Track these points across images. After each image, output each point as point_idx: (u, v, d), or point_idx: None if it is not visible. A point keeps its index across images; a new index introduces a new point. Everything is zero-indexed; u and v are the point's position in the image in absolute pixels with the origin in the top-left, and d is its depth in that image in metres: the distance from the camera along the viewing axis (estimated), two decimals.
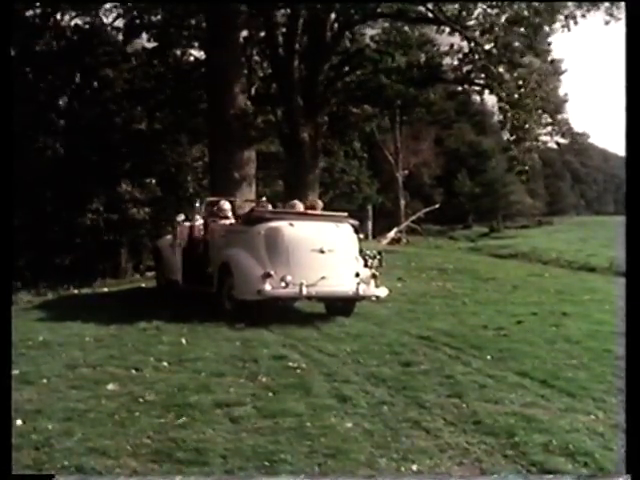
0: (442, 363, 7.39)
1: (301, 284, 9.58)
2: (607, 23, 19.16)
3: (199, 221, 12.07)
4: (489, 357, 7.72)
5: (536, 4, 18.98)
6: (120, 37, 22.58)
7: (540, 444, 5.00)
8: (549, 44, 21.60)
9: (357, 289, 10.03)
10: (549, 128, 23.47)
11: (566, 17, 19.53)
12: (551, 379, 6.71)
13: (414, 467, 4.66)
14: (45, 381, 6.61)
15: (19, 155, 19.01)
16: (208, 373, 6.89)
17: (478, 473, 4.62)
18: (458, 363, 7.44)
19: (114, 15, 22.07)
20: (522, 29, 19.43)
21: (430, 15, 19.83)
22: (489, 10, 19.29)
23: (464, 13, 19.36)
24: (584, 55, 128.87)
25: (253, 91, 21.15)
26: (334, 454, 4.81)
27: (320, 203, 11.89)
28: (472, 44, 19.55)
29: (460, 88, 26.16)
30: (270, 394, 6.21)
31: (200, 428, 5.31)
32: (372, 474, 4.57)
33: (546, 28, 20.04)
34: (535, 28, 19.49)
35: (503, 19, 19.25)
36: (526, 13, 19.07)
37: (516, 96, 19.04)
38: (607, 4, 18.91)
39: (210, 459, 4.73)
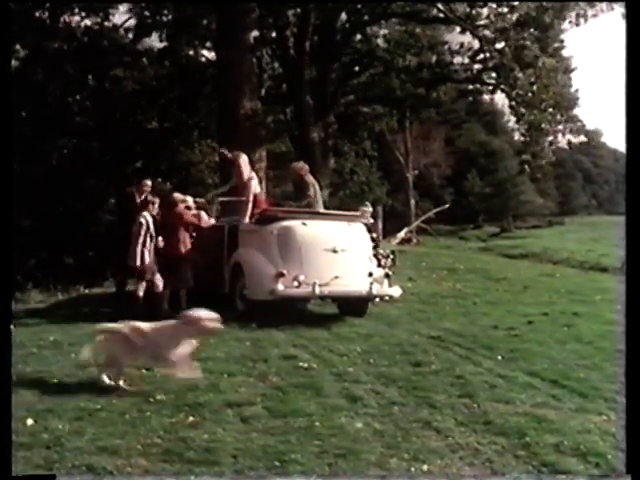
0: (453, 363, 7.38)
1: (314, 284, 9.54)
2: (624, 16, 18.96)
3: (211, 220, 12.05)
4: (500, 357, 7.70)
5: (543, 3, 18.93)
6: (130, 36, 22.61)
7: (551, 444, 4.99)
8: (562, 41, 21.48)
9: (370, 288, 9.98)
10: (561, 126, 23.35)
11: (577, 15, 19.48)
12: (562, 379, 6.69)
13: (425, 467, 4.65)
14: (56, 380, 6.62)
15: (31, 155, 19.09)
16: (218, 373, 6.89)
17: (489, 473, 4.60)
18: (469, 363, 7.42)
19: (125, 16, 22.14)
20: (532, 29, 19.35)
21: (441, 15, 19.80)
22: (499, 9, 19.23)
23: (474, 12, 19.30)
24: (595, 54, 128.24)
25: (263, 91, 21.16)
26: (344, 454, 4.80)
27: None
28: (483, 43, 19.50)
29: (471, 87, 26.06)
30: (280, 394, 6.21)
31: (210, 428, 5.32)
32: (383, 474, 4.57)
33: (556, 26, 19.95)
34: (545, 27, 19.42)
35: (513, 18, 19.17)
36: (534, 13, 19.00)
37: (530, 94, 18.96)
38: None
39: (220, 459, 4.74)
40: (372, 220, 12.75)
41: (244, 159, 11.55)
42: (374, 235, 12.21)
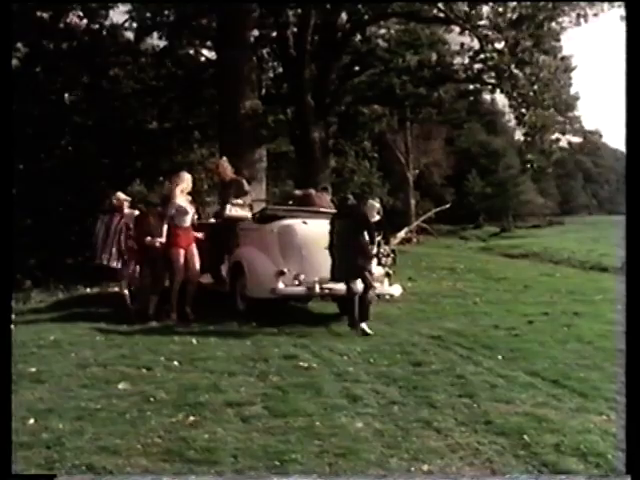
0: (453, 363, 7.37)
1: (314, 282, 9.55)
2: (623, 19, 18.95)
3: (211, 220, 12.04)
4: (500, 357, 7.69)
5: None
6: (131, 36, 22.59)
7: (551, 444, 4.98)
8: (558, 40, 21.41)
9: None
10: (561, 126, 23.32)
11: (577, 15, 19.46)
12: (563, 379, 6.68)
13: (425, 467, 4.64)
14: (56, 380, 6.62)
15: (31, 155, 19.07)
16: (219, 372, 6.90)
17: (489, 473, 4.60)
18: (469, 363, 7.42)
19: (126, 15, 22.09)
20: (529, 28, 19.32)
21: (441, 15, 19.78)
22: (499, 9, 19.21)
23: (473, 12, 19.28)
24: (596, 54, 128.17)
25: (264, 91, 21.14)
26: (345, 454, 4.80)
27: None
28: (483, 43, 19.48)
29: (471, 87, 26.03)
30: (281, 394, 6.21)
31: (211, 427, 5.32)
32: (383, 474, 4.56)
33: (554, 25, 19.94)
34: (540, 25, 19.39)
35: (514, 17, 19.15)
36: (529, 11, 18.98)
37: (531, 94, 18.94)
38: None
39: (221, 458, 4.74)
40: (379, 217, 12.56)
41: (179, 187, 11.25)
42: (382, 232, 12.01)
